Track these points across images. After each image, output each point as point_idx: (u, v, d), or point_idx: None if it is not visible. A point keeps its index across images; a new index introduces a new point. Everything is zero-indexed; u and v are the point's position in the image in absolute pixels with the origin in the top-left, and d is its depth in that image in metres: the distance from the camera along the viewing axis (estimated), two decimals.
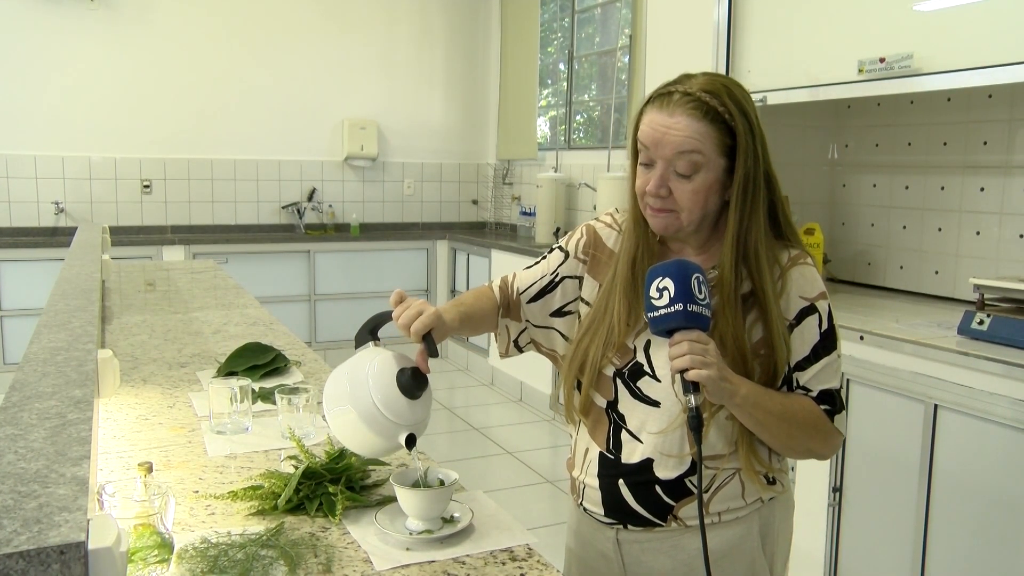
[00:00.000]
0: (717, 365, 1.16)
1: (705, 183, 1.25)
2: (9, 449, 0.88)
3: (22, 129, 5.53)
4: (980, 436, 2.19)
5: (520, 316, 1.48)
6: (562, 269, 1.47)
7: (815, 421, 1.28)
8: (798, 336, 1.29)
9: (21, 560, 0.66)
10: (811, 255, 1.35)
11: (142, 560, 1.04)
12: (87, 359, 1.28)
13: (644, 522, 1.34)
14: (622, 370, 1.34)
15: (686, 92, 1.24)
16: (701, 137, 1.23)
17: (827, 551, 2.64)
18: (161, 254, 5.48)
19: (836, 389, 1.31)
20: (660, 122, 1.25)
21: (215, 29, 5.95)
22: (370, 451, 1.26)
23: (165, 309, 2.95)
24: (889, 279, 3.31)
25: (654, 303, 1.17)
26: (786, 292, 1.29)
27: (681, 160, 1.24)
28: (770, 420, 1.25)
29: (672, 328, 1.17)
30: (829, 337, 1.30)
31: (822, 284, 1.33)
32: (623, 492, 1.34)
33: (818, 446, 1.31)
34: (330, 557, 1.14)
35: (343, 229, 6.35)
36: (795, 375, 1.30)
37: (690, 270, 1.17)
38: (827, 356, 1.30)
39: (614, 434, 1.35)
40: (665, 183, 1.26)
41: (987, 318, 2.30)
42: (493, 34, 6.70)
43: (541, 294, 1.47)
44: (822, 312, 1.30)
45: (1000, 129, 2.86)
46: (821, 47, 2.81)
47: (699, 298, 1.16)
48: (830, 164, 3.55)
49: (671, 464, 1.30)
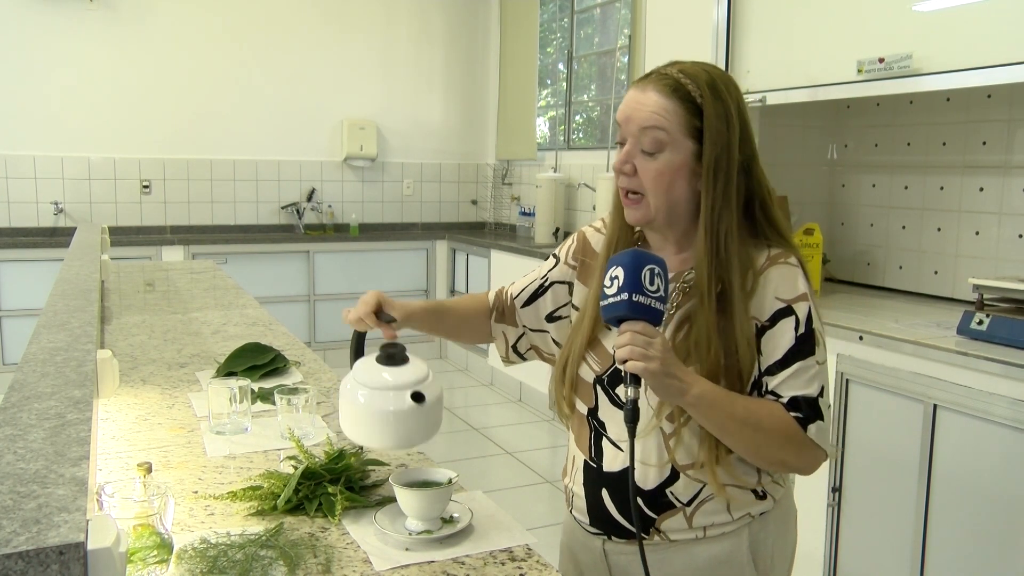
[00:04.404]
0: (661, 359, 1.11)
1: (670, 164, 1.23)
2: (8, 449, 0.88)
3: (21, 129, 5.52)
4: (979, 436, 2.19)
5: (516, 321, 1.49)
6: (552, 274, 1.47)
7: (784, 429, 1.19)
8: (770, 339, 1.22)
9: (20, 560, 0.66)
10: (797, 254, 1.28)
11: (141, 560, 1.04)
12: (86, 359, 1.28)
13: (628, 534, 1.31)
14: (602, 376, 1.33)
15: (663, 72, 1.25)
16: (666, 114, 1.22)
17: (826, 551, 2.64)
18: (160, 254, 5.48)
19: (813, 397, 1.21)
20: (632, 98, 1.25)
21: (215, 29, 5.95)
22: (396, 434, 1.22)
23: (164, 309, 2.95)
24: (888, 279, 3.31)
25: (605, 291, 1.16)
26: (760, 292, 1.23)
27: (646, 136, 1.23)
28: (731, 424, 1.18)
29: (620, 318, 1.14)
30: (806, 341, 1.22)
31: (805, 286, 1.25)
32: (606, 502, 1.32)
33: (791, 458, 1.22)
34: (329, 557, 1.13)
35: (342, 229, 6.34)
36: (764, 379, 1.22)
37: (644, 260, 1.13)
38: (801, 361, 1.21)
39: (595, 441, 1.34)
40: (630, 159, 1.25)
41: (986, 318, 2.30)
42: (492, 34, 6.69)
43: (533, 298, 1.48)
44: (800, 315, 1.22)
45: (999, 129, 2.86)
46: (820, 47, 2.81)
47: (649, 289, 1.12)
48: (829, 164, 3.56)
49: (651, 473, 1.27)
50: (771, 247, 1.27)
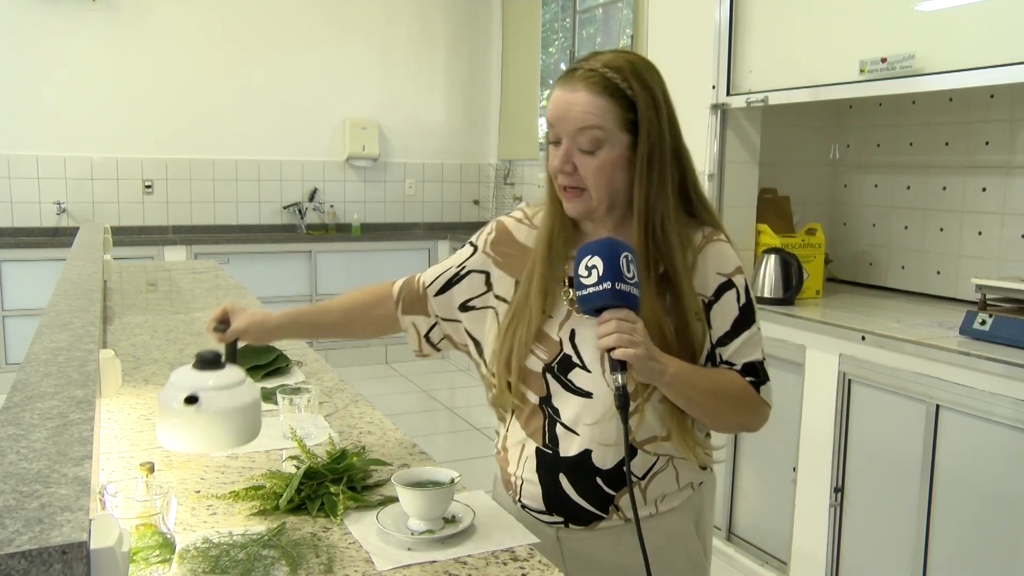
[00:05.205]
0: (645, 344, 1.16)
1: (609, 159, 1.26)
2: (11, 449, 0.88)
3: (24, 129, 5.53)
4: (981, 436, 2.19)
5: (428, 310, 1.48)
6: (469, 263, 1.47)
7: (743, 394, 1.30)
8: (718, 312, 1.30)
9: (23, 560, 0.66)
10: (724, 230, 1.36)
11: (144, 560, 1.04)
12: (89, 359, 1.28)
13: (586, 518, 1.35)
14: (551, 364, 1.34)
15: (589, 68, 1.26)
16: (601, 112, 1.23)
17: (828, 551, 2.64)
18: (163, 254, 5.48)
19: (759, 361, 1.32)
20: (563, 98, 1.26)
21: (217, 29, 5.95)
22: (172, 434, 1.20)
23: (167, 309, 2.96)
24: (891, 279, 3.31)
25: (583, 281, 1.17)
26: (702, 269, 1.30)
27: (583, 136, 1.25)
28: (701, 397, 1.26)
29: (600, 307, 1.16)
30: (748, 310, 1.31)
31: (737, 259, 1.34)
32: (564, 486, 1.34)
33: (747, 419, 1.33)
34: (331, 557, 1.14)
35: (344, 229, 6.35)
36: (718, 351, 1.31)
37: (619, 248, 1.17)
38: (748, 329, 1.31)
39: (549, 429, 1.35)
40: (570, 159, 1.27)
41: (989, 318, 2.30)
42: (494, 34, 6.69)
43: (447, 287, 1.47)
44: (739, 286, 1.31)
45: (1002, 129, 2.86)
46: (822, 47, 2.81)
47: (628, 277, 1.16)
48: (831, 164, 3.55)
49: (610, 453, 1.31)
50: (704, 226, 1.34)
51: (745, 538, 3.03)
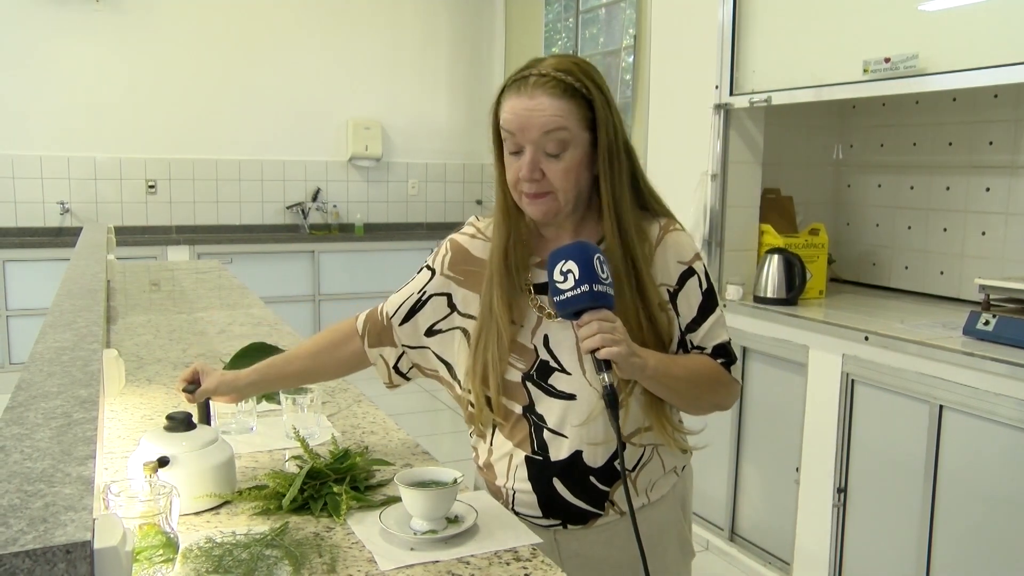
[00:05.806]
0: (626, 341, 1.18)
1: (575, 159, 1.28)
2: (15, 448, 0.88)
3: (28, 129, 5.54)
4: (985, 437, 2.18)
5: (395, 340, 1.47)
6: (429, 287, 1.45)
7: (717, 376, 1.35)
8: (684, 299, 1.34)
9: (27, 559, 0.67)
10: (677, 220, 1.39)
11: (147, 559, 1.04)
12: (92, 359, 1.28)
13: (583, 517, 1.37)
14: (530, 372, 1.35)
15: (541, 74, 1.28)
16: (564, 114, 1.26)
17: (831, 551, 2.64)
18: (166, 254, 5.49)
19: (727, 341, 1.37)
20: (522, 106, 1.27)
21: (220, 30, 5.96)
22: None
23: (170, 309, 2.96)
24: (894, 279, 3.30)
25: (559, 287, 1.18)
26: (662, 260, 1.33)
27: (549, 140, 1.26)
28: (680, 385, 1.30)
29: (579, 309, 1.18)
30: (710, 294, 1.36)
31: (695, 246, 1.38)
32: (558, 490, 1.36)
33: (721, 399, 1.38)
34: (334, 557, 1.14)
35: (347, 229, 6.35)
36: (688, 336, 1.35)
37: (591, 250, 1.19)
38: (713, 313, 1.35)
39: (537, 436, 1.36)
40: (537, 166, 1.27)
41: (992, 319, 2.29)
42: (497, 34, 6.70)
43: (411, 314, 1.46)
44: (700, 273, 1.35)
45: (1006, 129, 2.86)
46: (826, 47, 2.81)
47: (602, 277, 1.18)
48: (835, 164, 3.55)
49: (599, 451, 1.33)
50: (659, 217, 1.37)
51: (748, 538, 3.03)
